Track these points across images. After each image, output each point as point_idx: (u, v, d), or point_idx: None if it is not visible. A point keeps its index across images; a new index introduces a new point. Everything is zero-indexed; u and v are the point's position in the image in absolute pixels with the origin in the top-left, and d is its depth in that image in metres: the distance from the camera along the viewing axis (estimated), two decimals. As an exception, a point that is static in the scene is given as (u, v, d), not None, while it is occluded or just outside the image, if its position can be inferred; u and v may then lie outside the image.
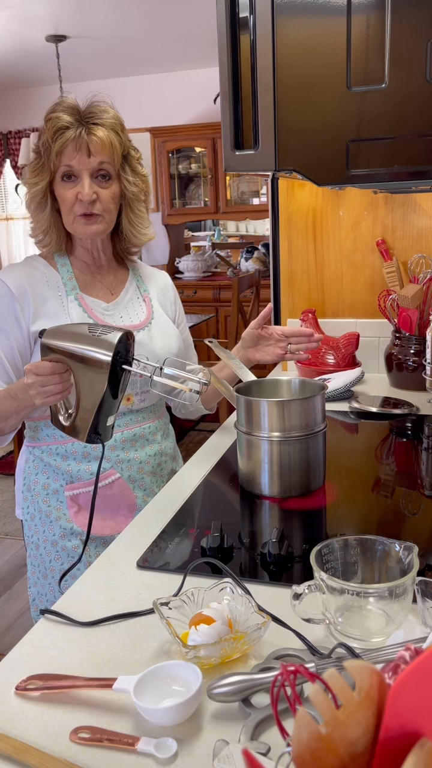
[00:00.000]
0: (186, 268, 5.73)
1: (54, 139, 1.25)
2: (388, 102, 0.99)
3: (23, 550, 3.16)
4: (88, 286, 1.38)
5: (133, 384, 1.34)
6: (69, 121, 1.25)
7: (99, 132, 1.26)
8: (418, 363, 1.82)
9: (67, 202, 1.29)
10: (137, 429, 1.38)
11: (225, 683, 0.70)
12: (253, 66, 1.04)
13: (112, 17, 3.97)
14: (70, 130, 1.25)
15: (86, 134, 1.25)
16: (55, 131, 1.25)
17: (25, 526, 1.40)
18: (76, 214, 1.29)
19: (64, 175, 1.28)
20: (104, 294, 1.39)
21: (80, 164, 1.26)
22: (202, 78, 5.42)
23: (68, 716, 0.71)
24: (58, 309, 1.31)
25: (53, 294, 1.32)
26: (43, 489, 1.36)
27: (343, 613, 0.80)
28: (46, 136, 1.26)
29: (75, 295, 1.33)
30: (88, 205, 1.28)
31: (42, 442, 1.35)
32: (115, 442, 1.34)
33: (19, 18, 3.92)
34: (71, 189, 1.28)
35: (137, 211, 1.38)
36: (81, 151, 1.26)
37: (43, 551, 1.36)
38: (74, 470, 1.33)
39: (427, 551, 0.99)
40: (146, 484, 1.39)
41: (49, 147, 1.26)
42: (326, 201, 2.01)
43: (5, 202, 6.43)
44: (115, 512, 1.35)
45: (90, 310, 1.33)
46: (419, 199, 1.93)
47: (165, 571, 0.98)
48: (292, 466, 1.20)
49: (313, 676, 0.47)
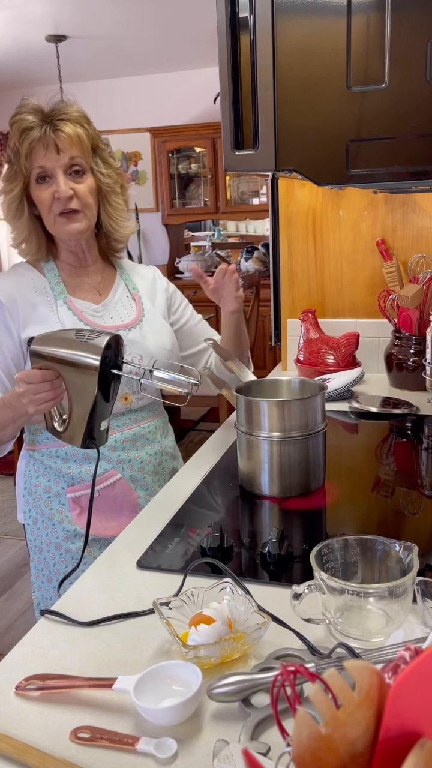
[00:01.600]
0: (186, 268, 5.73)
1: (21, 141, 1.25)
2: (388, 102, 0.99)
3: (23, 551, 3.16)
4: (76, 289, 1.37)
5: (129, 383, 1.34)
6: (33, 121, 1.25)
7: (65, 128, 1.26)
8: (418, 363, 1.82)
9: (45, 203, 1.28)
10: (137, 429, 1.38)
11: (225, 683, 0.70)
12: (253, 66, 1.04)
13: (112, 17, 3.97)
14: (35, 129, 1.24)
15: (52, 131, 1.25)
16: (21, 132, 1.24)
17: (28, 530, 1.39)
18: (55, 213, 1.28)
19: (38, 177, 1.27)
20: (93, 295, 1.39)
21: (52, 162, 1.26)
22: (202, 78, 5.42)
23: (68, 716, 0.71)
24: (48, 314, 1.31)
25: (42, 299, 1.32)
26: (45, 492, 1.35)
27: (343, 613, 0.80)
28: (14, 141, 1.26)
29: (63, 299, 1.33)
30: (66, 201, 1.27)
31: (42, 445, 1.35)
32: (115, 442, 1.34)
33: (19, 18, 3.92)
34: (47, 189, 1.27)
35: (115, 204, 1.37)
36: (50, 150, 1.25)
37: (46, 554, 1.36)
38: (75, 472, 1.33)
39: (427, 551, 0.99)
40: (148, 483, 1.39)
41: (17, 151, 1.26)
42: (326, 201, 2.01)
43: (5, 202, 6.43)
44: (118, 513, 1.35)
45: (80, 313, 1.33)
46: (419, 199, 1.93)
47: (165, 571, 0.98)
48: (292, 466, 1.20)
49: (313, 676, 0.47)
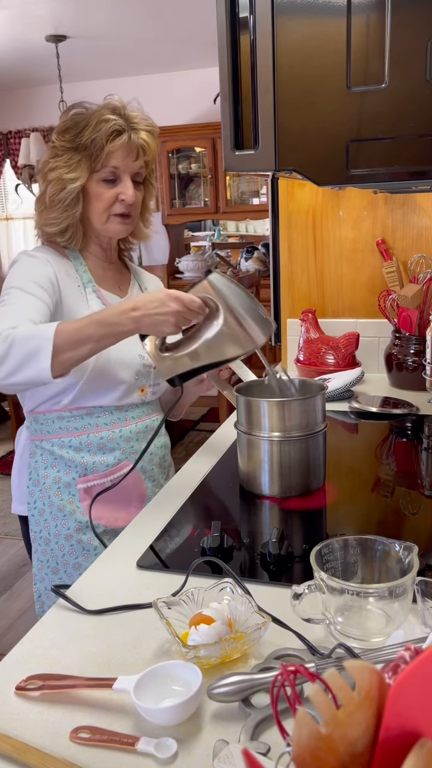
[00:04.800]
0: (186, 268, 5.73)
1: (107, 140, 1.27)
2: (388, 102, 0.99)
3: (23, 550, 3.16)
4: (101, 281, 1.39)
5: (146, 376, 1.36)
6: (121, 124, 1.28)
7: (146, 137, 1.31)
8: (418, 363, 1.82)
9: (106, 202, 1.31)
10: (148, 421, 1.40)
11: (225, 683, 0.70)
12: (253, 66, 1.04)
13: (112, 17, 3.97)
14: (124, 134, 1.28)
15: (136, 138, 1.29)
16: (110, 134, 1.27)
17: (32, 521, 1.37)
18: (112, 213, 1.32)
19: (107, 176, 1.30)
20: (115, 290, 1.41)
21: (126, 166, 1.30)
22: (202, 78, 5.42)
23: (68, 716, 0.71)
24: (79, 299, 1.32)
25: (72, 283, 1.33)
26: (54, 483, 1.34)
27: (343, 613, 0.80)
28: (98, 136, 1.27)
29: (92, 288, 1.35)
30: (129, 206, 1.32)
31: (53, 435, 1.34)
32: (130, 433, 1.36)
33: (19, 18, 3.92)
34: (111, 189, 1.31)
35: (146, 215, 1.44)
36: (131, 154, 1.30)
37: (54, 546, 1.34)
38: (89, 462, 1.33)
39: (427, 551, 0.99)
40: (155, 475, 1.42)
41: (100, 147, 1.27)
42: (326, 201, 2.01)
43: (5, 202, 6.43)
44: (127, 504, 1.36)
45: (108, 304, 1.34)
46: (419, 199, 1.93)
47: (165, 571, 0.98)
48: (293, 466, 1.20)
49: (313, 676, 0.47)
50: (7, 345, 1.10)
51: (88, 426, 1.33)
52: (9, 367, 1.11)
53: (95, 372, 1.28)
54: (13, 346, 1.10)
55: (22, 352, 1.10)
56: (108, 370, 1.30)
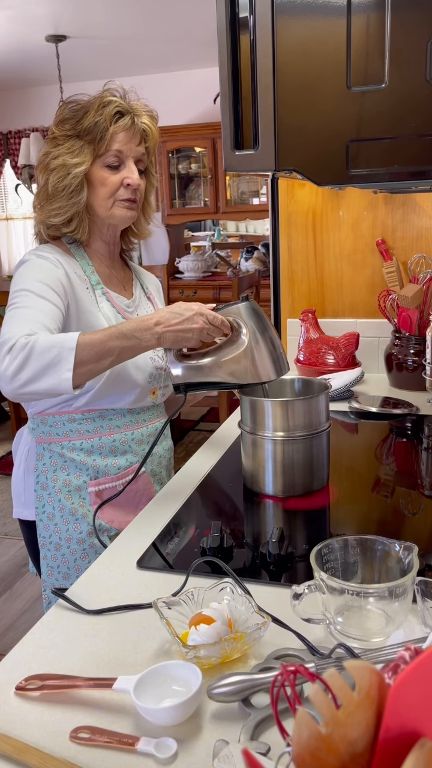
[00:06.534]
0: (186, 268, 5.72)
1: (110, 122, 1.26)
2: (388, 102, 0.99)
3: (24, 550, 3.16)
4: (107, 281, 1.37)
5: (158, 378, 1.36)
6: (124, 106, 1.27)
7: (148, 122, 1.30)
8: (418, 363, 1.82)
9: (112, 187, 1.29)
10: (158, 423, 1.40)
11: (225, 683, 0.70)
12: (253, 66, 1.04)
13: (112, 17, 3.96)
14: (127, 116, 1.27)
15: (138, 121, 1.28)
16: (114, 115, 1.26)
17: (40, 526, 1.33)
18: (118, 198, 1.30)
19: (110, 161, 1.28)
20: (120, 290, 1.39)
21: (129, 150, 1.29)
22: (202, 78, 5.42)
23: (68, 716, 0.71)
24: (90, 302, 1.29)
25: (82, 285, 1.30)
26: (64, 486, 1.31)
27: (343, 613, 0.80)
28: (101, 119, 1.25)
29: (101, 290, 1.32)
30: (134, 191, 1.30)
31: (63, 437, 1.31)
32: (142, 436, 1.35)
33: (19, 18, 3.92)
34: (116, 174, 1.29)
35: (147, 205, 1.41)
36: (134, 138, 1.29)
37: (66, 550, 1.31)
38: (101, 465, 1.31)
39: (427, 551, 0.99)
40: (163, 477, 1.42)
41: (104, 128, 1.25)
42: (326, 201, 2.01)
43: (5, 202, 6.43)
44: (136, 506, 1.34)
45: (117, 306, 1.33)
46: (419, 199, 1.93)
47: (165, 571, 0.98)
48: (296, 466, 1.20)
49: (313, 676, 0.47)
50: (27, 353, 1.08)
51: (101, 428, 1.31)
52: (27, 375, 1.08)
53: (112, 376, 1.26)
54: (32, 355, 1.08)
55: (42, 362, 1.08)
56: (124, 374, 1.28)
